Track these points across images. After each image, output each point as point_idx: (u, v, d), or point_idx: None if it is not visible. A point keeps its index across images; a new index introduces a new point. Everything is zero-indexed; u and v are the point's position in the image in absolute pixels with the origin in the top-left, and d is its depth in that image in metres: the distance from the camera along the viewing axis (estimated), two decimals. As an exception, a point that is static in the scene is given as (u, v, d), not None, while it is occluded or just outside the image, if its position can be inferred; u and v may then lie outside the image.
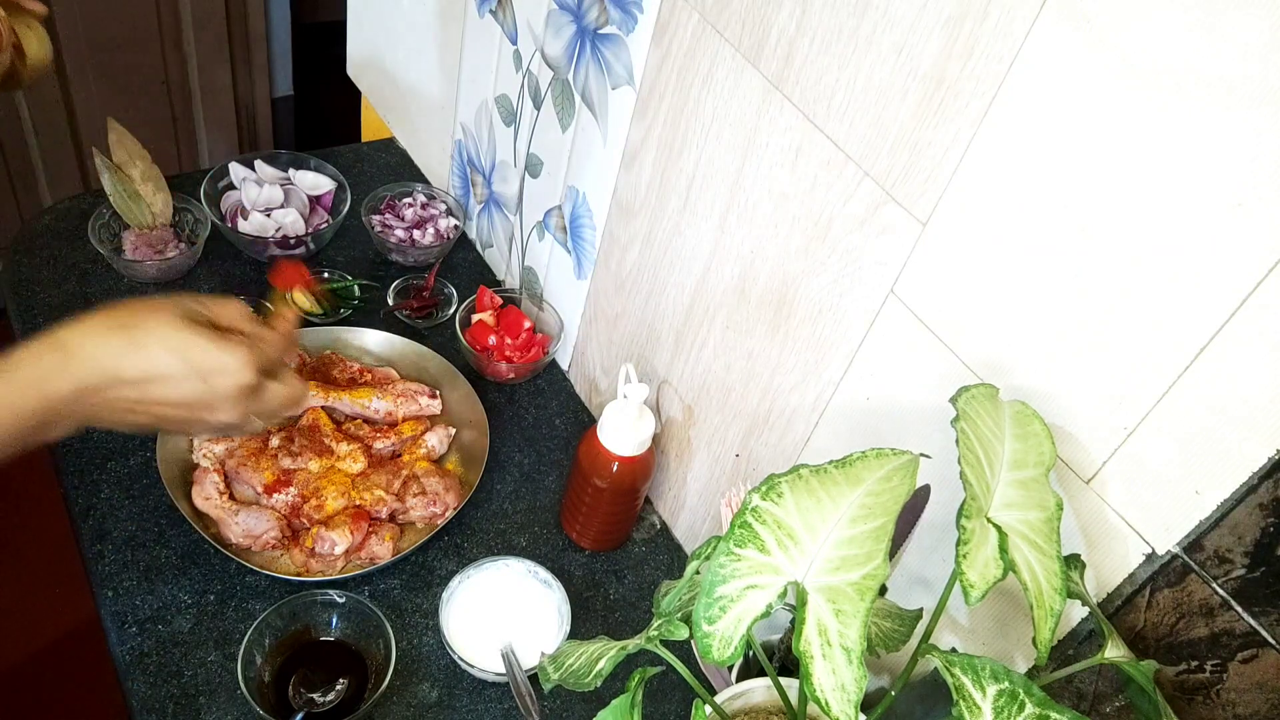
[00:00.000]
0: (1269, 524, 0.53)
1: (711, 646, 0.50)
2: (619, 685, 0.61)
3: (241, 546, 0.93)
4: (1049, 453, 0.59)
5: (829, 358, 0.78)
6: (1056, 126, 0.56)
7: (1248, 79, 0.47)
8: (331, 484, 0.97)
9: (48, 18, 0.87)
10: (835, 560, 0.51)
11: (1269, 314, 0.50)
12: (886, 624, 0.67)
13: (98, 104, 2.00)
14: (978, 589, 0.50)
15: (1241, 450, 0.53)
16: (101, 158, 1.13)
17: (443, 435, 1.05)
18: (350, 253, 1.25)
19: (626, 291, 1.01)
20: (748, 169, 0.79)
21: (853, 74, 0.67)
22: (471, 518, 1.03)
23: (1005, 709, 0.49)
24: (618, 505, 0.98)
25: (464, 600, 0.92)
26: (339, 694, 0.84)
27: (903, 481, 0.54)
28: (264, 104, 2.29)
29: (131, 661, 0.86)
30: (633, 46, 0.87)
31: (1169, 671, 0.61)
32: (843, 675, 0.48)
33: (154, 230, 1.17)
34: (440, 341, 1.15)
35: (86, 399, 0.67)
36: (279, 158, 1.26)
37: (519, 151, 1.11)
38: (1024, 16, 0.56)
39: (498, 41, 1.08)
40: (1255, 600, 0.55)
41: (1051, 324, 0.60)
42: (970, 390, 0.58)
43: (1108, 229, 0.55)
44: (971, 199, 0.62)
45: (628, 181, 0.95)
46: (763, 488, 0.53)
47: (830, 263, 0.74)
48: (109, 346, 0.67)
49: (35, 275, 1.13)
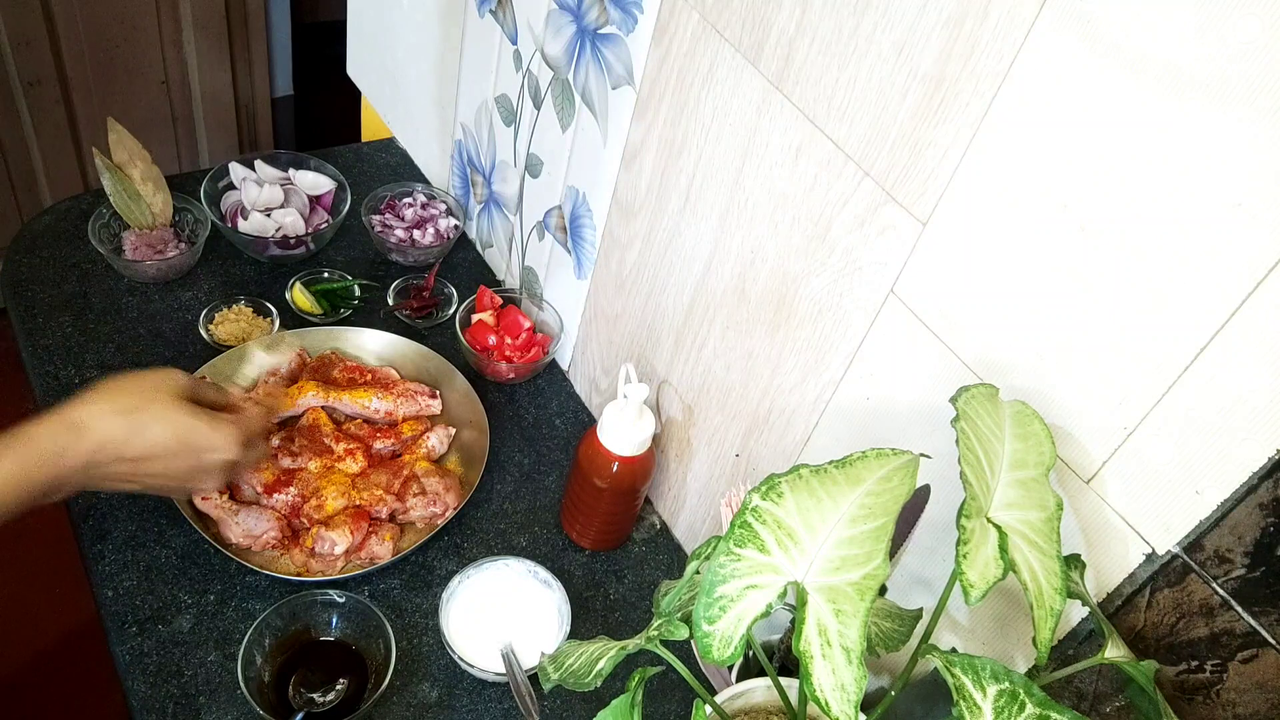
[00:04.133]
0: (1269, 524, 0.53)
1: (711, 646, 0.50)
2: (619, 685, 0.61)
3: (241, 546, 0.93)
4: (1049, 453, 0.59)
5: (829, 358, 0.78)
6: (1056, 126, 0.56)
7: (1247, 79, 0.47)
8: (331, 484, 0.97)
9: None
10: (835, 560, 0.51)
11: (1269, 314, 0.50)
12: (886, 624, 0.67)
13: (98, 104, 2.01)
14: (978, 589, 0.50)
15: (1241, 450, 0.53)
16: (101, 158, 1.13)
17: (443, 435, 1.05)
18: (350, 253, 1.25)
19: (626, 291, 1.01)
20: (748, 169, 0.79)
21: (853, 74, 0.67)
22: (471, 518, 1.03)
23: (1005, 709, 0.49)
24: (618, 505, 0.98)
25: (464, 600, 0.92)
26: (339, 694, 0.84)
27: (903, 481, 0.54)
28: (264, 104, 2.29)
29: (131, 661, 0.86)
30: (633, 46, 0.87)
31: (1169, 671, 0.61)
32: (843, 675, 0.48)
33: (154, 230, 1.17)
34: (440, 341, 1.15)
35: (91, 471, 0.76)
36: (279, 158, 1.26)
37: (519, 151, 1.11)
38: (1024, 16, 0.56)
39: (498, 41, 1.08)
40: (1255, 600, 0.55)
41: (1051, 324, 0.60)
42: (970, 390, 0.58)
43: (1108, 229, 0.55)
44: (972, 199, 0.62)
45: (628, 181, 0.95)
46: (763, 488, 0.53)
47: (830, 263, 0.74)
48: (116, 427, 0.76)
49: (35, 275, 1.13)
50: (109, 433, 0.76)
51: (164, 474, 0.80)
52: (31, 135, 1.96)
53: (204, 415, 0.81)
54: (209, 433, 0.80)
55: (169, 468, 0.80)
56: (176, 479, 0.82)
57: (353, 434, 1.03)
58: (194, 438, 0.80)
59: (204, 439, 0.80)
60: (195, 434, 0.80)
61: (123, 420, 0.77)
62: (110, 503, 0.95)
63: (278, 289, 1.16)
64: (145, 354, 1.08)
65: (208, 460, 0.81)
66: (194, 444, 0.80)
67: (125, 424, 0.77)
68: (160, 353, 1.09)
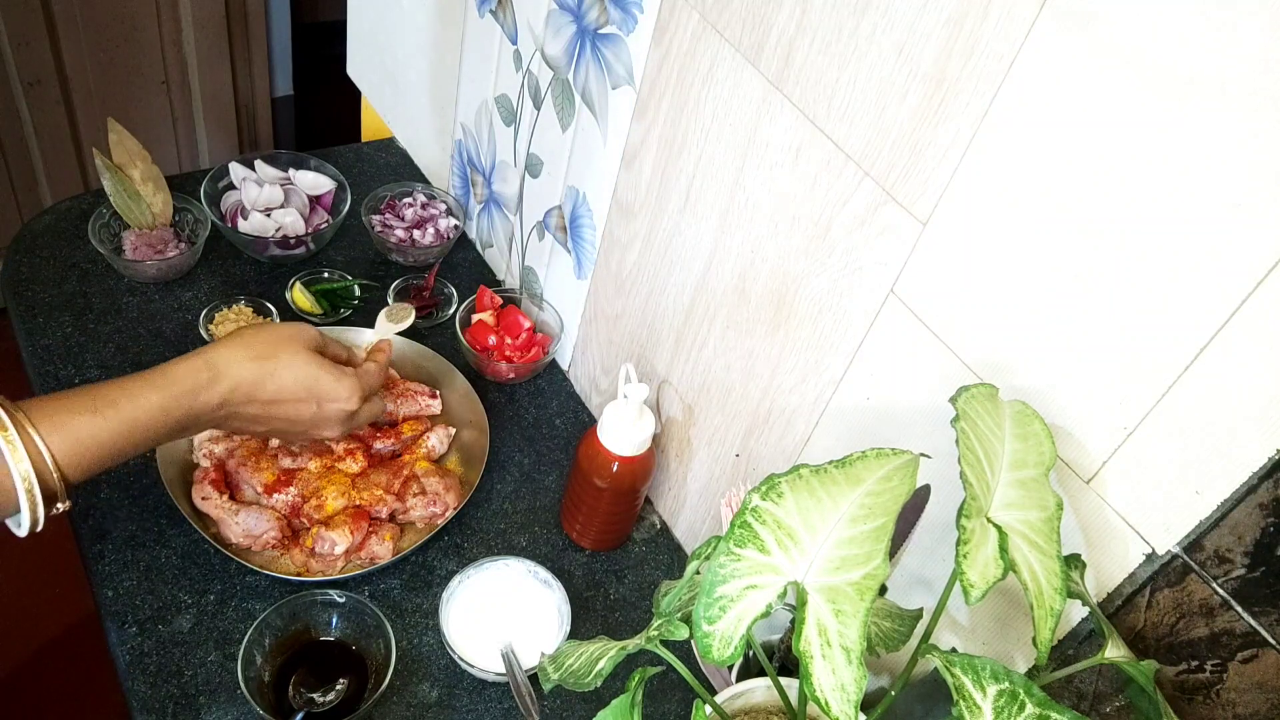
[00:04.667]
0: (1269, 524, 0.53)
1: (711, 646, 0.50)
2: (619, 685, 0.61)
3: (241, 546, 0.93)
4: (1049, 453, 0.59)
5: (829, 358, 0.78)
6: (1056, 126, 0.56)
7: (1246, 79, 0.47)
8: (331, 484, 0.97)
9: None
10: (835, 560, 0.51)
11: (1269, 314, 0.50)
12: (886, 624, 0.67)
13: (98, 104, 2.01)
14: (978, 589, 0.50)
15: (1241, 450, 0.53)
16: (101, 158, 1.13)
17: (443, 435, 1.05)
18: (350, 253, 1.25)
19: (626, 291, 1.01)
20: (748, 169, 0.79)
21: (853, 74, 0.67)
22: (471, 518, 1.03)
23: (1005, 709, 0.49)
24: (618, 505, 0.98)
25: (464, 600, 0.92)
26: (339, 694, 0.84)
27: (903, 481, 0.54)
28: (264, 104, 2.29)
29: (131, 661, 0.86)
30: (633, 46, 0.87)
31: (1169, 671, 0.61)
32: (843, 675, 0.48)
33: (154, 230, 1.17)
34: (440, 341, 1.15)
35: (224, 409, 0.80)
36: (279, 158, 1.26)
37: (519, 151, 1.11)
38: (1024, 16, 0.56)
39: (498, 41, 1.08)
40: (1255, 600, 0.55)
41: (1051, 324, 0.60)
42: (970, 390, 0.58)
43: (1108, 229, 0.55)
44: (972, 199, 0.62)
45: (628, 181, 0.95)
46: (763, 487, 0.53)
47: (830, 262, 0.74)
48: (250, 371, 0.81)
49: (35, 275, 1.13)
50: (243, 375, 0.80)
51: (292, 418, 0.85)
52: (31, 135, 1.97)
53: (330, 366, 0.85)
54: (333, 383, 0.85)
55: (296, 412, 0.84)
56: (302, 424, 0.86)
57: (353, 434, 1.03)
58: (320, 386, 0.84)
59: (329, 388, 0.85)
60: (321, 383, 0.84)
61: (256, 365, 0.81)
62: (110, 502, 0.95)
63: (278, 289, 1.16)
64: (145, 354, 1.08)
65: (330, 410, 0.86)
66: (320, 392, 0.84)
67: (258, 369, 0.81)
68: (160, 353, 1.09)
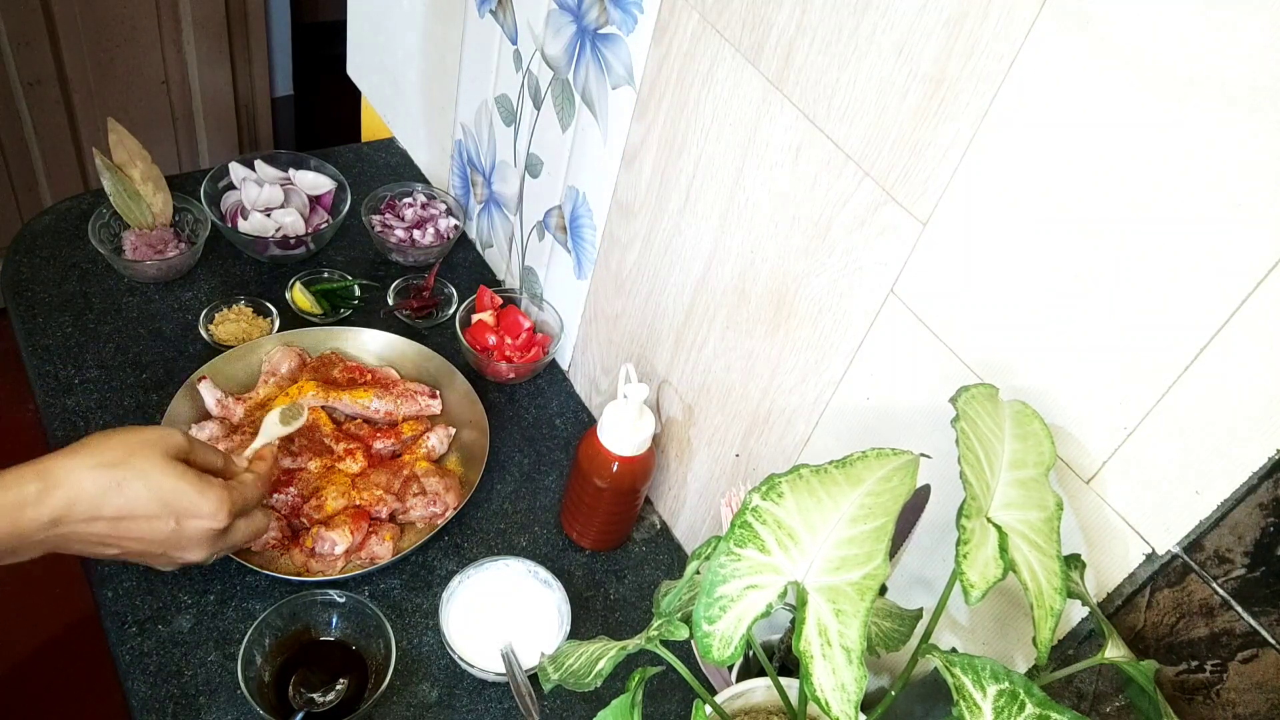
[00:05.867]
0: (1269, 524, 0.53)
1: (711, 646, 0.50)
2: (619, 685, 0.61)
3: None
4: (1049, 453, 0.59)
5: (829, 358, 0.78)
6: (1056, 126, 0.56)
7: (1246, 79, 0.47)
8: (331, 484, 0.97)
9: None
10: (835, 560, 0.51)
11: (1269, 314, 0.50)
12: (886, 624, 0.67)
13: (98, 104, 2.01)
14: (978, 589, 0.50)
15: (1241, 450, 0.53)
16: (101, 158, 1.13)
17: (443, 435, 1.05)
18: (350, 253, 1.25)
19: (626, 291, 1.01)
20: (748, 169, 0.79)
21: (853, 74, 0.67)
22: (471, 518, 1.03)
23: (1005, 709, 0.49)
24: (618, 505, 0.98)
25: (464, 600, 0.92)
26: (339, 694, 0.84)
27: (903, 481, 0.54)
28: (264, 104, 2.29)
29: (131, 661, 0.86)
30: (633, 46, 0.87)
31: (1169, 671, 0.61)
32: (843, 675, 0.48)
33: (154, 230, 1.17)
34: (440, 341, 1.15)
35: (59, 528, 0.69)
36: (279, 158, 1.26)
37: (519, 151, 1.11)
38: (1024, 16, 0.56)
39: (498, 41, 1.08)
40: (1255, 600, 0.55)
41: (1051, 324, 0.60)
42: (970, 390, 0.58)
43: (1108, 229, 0.55)
44: (972, 199, 0.62)
45: (628, 181, 0.95)
46: (763, 487, 0.53)
47: (830, 263, 0.74)
48: (93, 481, 0.69)
49: (35, 275, 1.13)
50: (83, 486, 0.69)
51: (145, 537, 0.73)
52: (31, 135, 1.97)
53: (193, 477, 0.74)
54: (195, 496, 0.74)
55: (150, 530, 0.73)
56: (158, 544, 0.74)
57: (353, 434, 1.03)
58: (179, 500, 0.73)
59: (190, 503, 0.74)
60: (180, 496, 0.73)
61: (100, 474, 0.70)
62: (110, 503, 0.95)
63: (278, 289, 1.17)
64: (145, 354, 1.08)
65: (191, 528, 0.75)
66: (179, 507, 0.73)
67: (103, 478, 0.70)
68: (160, 353, 1.09)
